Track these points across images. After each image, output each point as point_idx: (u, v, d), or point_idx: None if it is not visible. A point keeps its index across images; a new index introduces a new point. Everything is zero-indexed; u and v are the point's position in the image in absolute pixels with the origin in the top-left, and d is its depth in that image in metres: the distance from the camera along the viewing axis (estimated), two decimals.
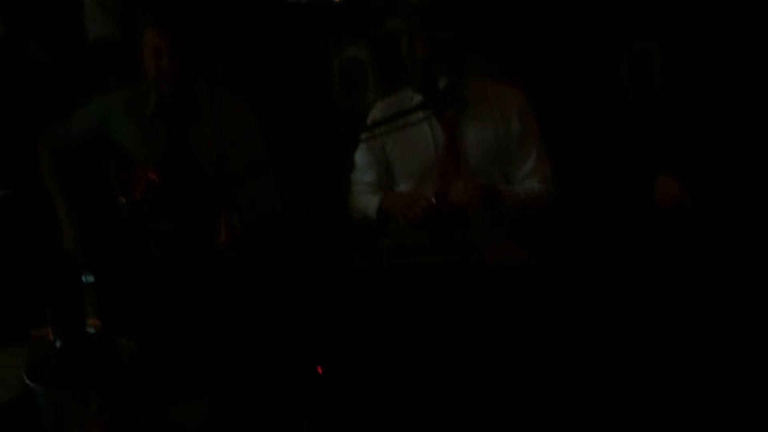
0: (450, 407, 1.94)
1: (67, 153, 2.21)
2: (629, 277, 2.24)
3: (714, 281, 2.06)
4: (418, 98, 2.20)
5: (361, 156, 2.31)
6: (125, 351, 1.75)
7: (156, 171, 2.08)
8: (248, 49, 2.89)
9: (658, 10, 2.87)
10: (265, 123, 2.29)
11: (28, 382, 1.65)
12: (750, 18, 2.51)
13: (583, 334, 2.09)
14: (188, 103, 2.17)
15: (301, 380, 1.93)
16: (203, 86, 2.19)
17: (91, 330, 1.76)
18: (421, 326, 1.99)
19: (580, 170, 2.63)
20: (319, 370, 1.98)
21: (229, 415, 1.95)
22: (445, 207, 2.09)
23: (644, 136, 2.43)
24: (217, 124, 2.17)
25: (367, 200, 2.27)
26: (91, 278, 1.79)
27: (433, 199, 2.11)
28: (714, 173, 2.20)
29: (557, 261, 2.26)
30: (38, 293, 2.00)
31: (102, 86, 2.34)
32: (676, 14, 2.84)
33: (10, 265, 2.20)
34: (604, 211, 2.66)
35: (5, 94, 2.44)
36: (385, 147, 2.27)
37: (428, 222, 2.13)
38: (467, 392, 1.95)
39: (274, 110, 2.80)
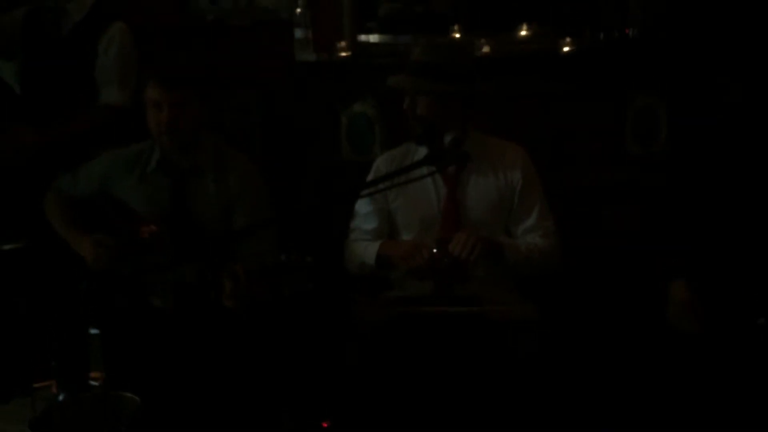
0: None
1: (72, 204, 2.25)
2: (633, 332, 2.23)
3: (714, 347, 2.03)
4: (422, 152, 2.23)
5: (362, 204, 2.32)
6: (129, 404, 1.74)
7: (158, 223, 2.10)
8: (256, 104, 2.95)
9: (660, 67, 2.94)
10: (270, 175, 2.32)
11: None
12: None
13: (585, 386, 2.07)
14: (190, 159, 2.20)
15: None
16: (206, 141, 2.23)
17: (94, 383, 1.75)
18: (424, 376, 1.98)
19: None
20: (324, 425, 1.96)
21: None
22: (447, 258, 2.10)
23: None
24: (219, 180, 2.20)
25: (365, 247, 2.27)
26: (95, 331, 1.79)
27: (435, 249, 2.12)
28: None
29: (561, 313, 2.25)
30: (43, 346, 2.00)
31: (108, 143, 2.38)
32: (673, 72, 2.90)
33: (18, 317, 2.21)
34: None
35: None
36: (388, 196, 2.29)
37: (430, 272, 2.13)
38: None
39: (281, 163, 2.84)
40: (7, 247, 2.38)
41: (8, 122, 2.51)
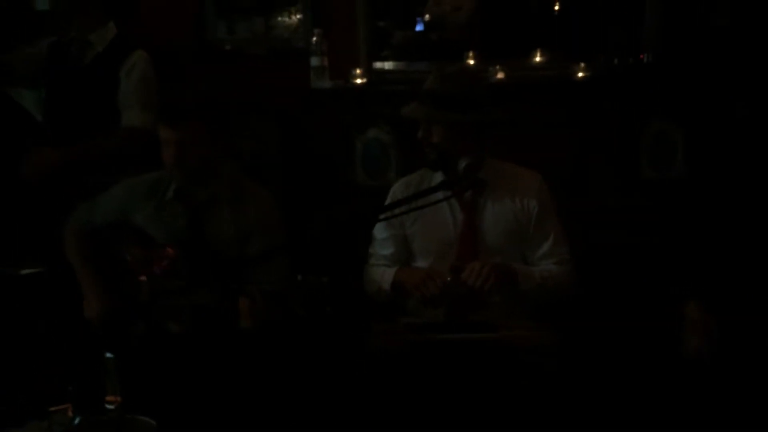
0: None
1: (90, 234, 2.28)
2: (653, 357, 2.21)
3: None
4: (438, 178, 2.24)
5: (379, 230, 2.33)
6: (144, 428, 1.74)
7: (175, 248, 2.12)
8: (273, 131, 2.98)
9: (675, 92, 2.94)
10: (287, 201, 2.34)
11: None
12: None
13: (603, 410, 2.04)
14: (207, 189, 2.22)
15: None
16: (222, 171, 2.24)
17: (110, 407, 1.75)
18: (439, 403, 1.96)
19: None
20: None
21: None
22: (461, 286, 2.09)
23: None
24: (236, 210, 2.22)
25: (382, 273, 2.28)
26: (111, 355, 1.80)
27: (449, 278, 2.11)
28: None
29: (578, 338, 2.23)
30: (59, 369, 2.02)
31: (130, 166, 2.41)
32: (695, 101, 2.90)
33: (36, 340, 2.23)
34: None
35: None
36: (404, 222, 2.30)
37: (444, 299, 2.13)
38: None
39: (297, 189, 2.86)
40: (26, 271, 2.41)
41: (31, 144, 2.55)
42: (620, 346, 2.45)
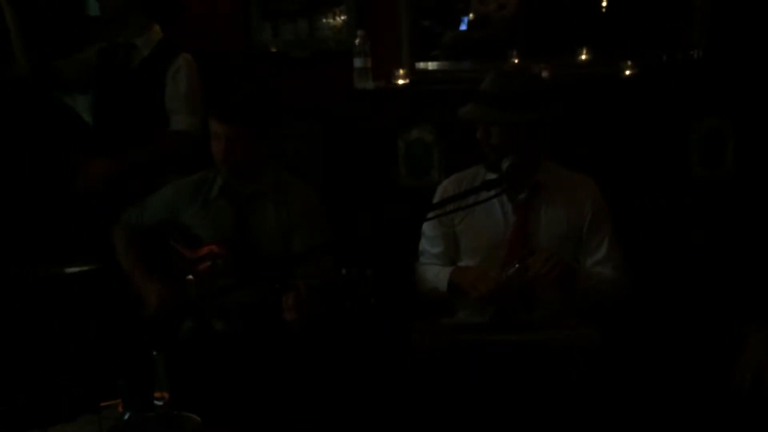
0: None
1: (139, 233, 2.32)
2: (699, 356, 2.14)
3: None
4: (490, 175, 2.21)
5: (429, 227, 2.32)
6: (191, 424, 1.76)
7: (222, 247, 2.15)
8: (317, 132, 3.00)
9: (726, 89, 2.86)
10: (331, 201, 2.35)
11: None
12: None
13: (647, 415, 1.99)
14: (251, 186, 2.25)
15: None
16: (268, 169, 2.28)
17: (159, 403, 1.78)
18: (482, 405, 1.94)
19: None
20: None
21: None
22: (518, 280, 2.06)
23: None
24: (280, 206, 2.24)
25: (437, 273, 2.26)
26: (160, 351, 1.83)
27: (516, 265, 2.07)
28: None
29: (625, 340, 2.18)
30: (111, 366, 2.06)
31: (179, 168, 2.45)
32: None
33: (88, 337, 2.28)
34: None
35: None
36: (454, 219, 2.28)
37: (497, 298, 2.11)
38: None
39: (341, 189, 2.87)
40: (74, 269, 2.46)
41: (82, 154, 2.61)
42: (668, 354, 2.39)
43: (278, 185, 2.27)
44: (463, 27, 3.13)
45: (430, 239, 2.32)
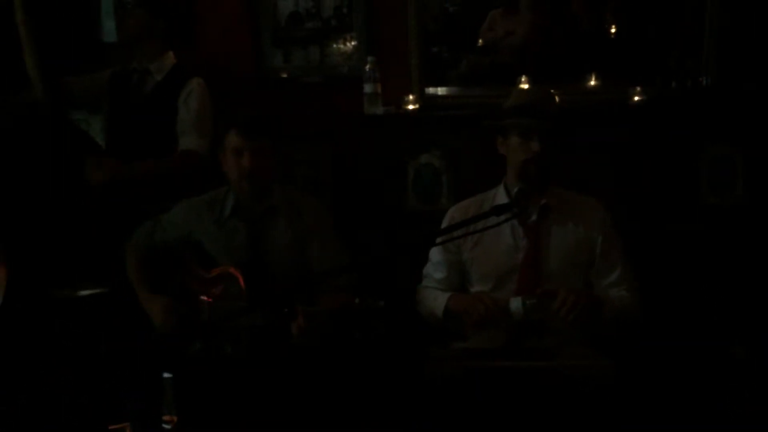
0: None
1: (151, 253, 2.34)
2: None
3: None
4: (497, 201, 2.22)
5: (435, 253, 2.32)
6: None
7: (236, 270, 2.15)
8: (326, 157, 3.01)
9: (736, 116, 2.87)
10: (339, 226, 2.36)
11: None
12: None
13: None
14: (265, 204, 2.28)
15: None
16: (278, 188, 2.32)
17: (167, 426, 1.77)
18: (491, 430, 1.92)
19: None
20: None
21: None
22: (536, 314, 2.05)
23: None
24: (293, 218, 2.28)
25: (435, 297, 2.27)
26: (169, 374, 1.83)
27: (534, 300, 2.06)
28: None
29: (639, 370, 2.16)
30: (119, 387, 2.05)
31: (186, 193, 2.47)
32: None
33: (96, 360, 2.28)
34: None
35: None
36: (462, 247, 2.28)
37: (505, 327, 2.09)
38: None
39: (349, 214, 2.88)
40: (85, 292, 2.47)
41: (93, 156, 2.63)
42: (678, 380, 2.37)
43: (288, 200, 2.32)
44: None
45: (434, 264, 2.33)
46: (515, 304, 2.09)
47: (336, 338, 1.87)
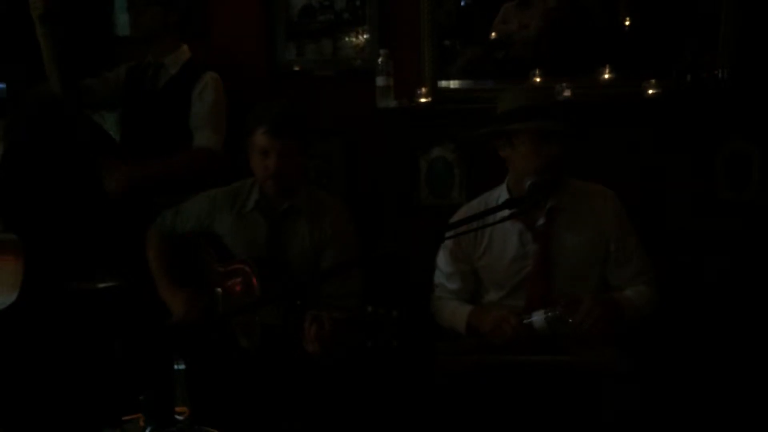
0: None
1: (170, 242, 2.35)
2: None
3: None
4: (503, 199, 2.19)
5: (445, 262, 2.27)
6: None
7: (252, 264, 2.15)
8: (339, 150, 3.02)
9: (752, 110, 2.83)
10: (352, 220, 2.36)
11: None
12: None
13: None
14: (287, 201, 2.26)
15: None
16: (302, 185, 2.29)
17: (180, 418, 1.79)
18: (507, 429, 1.92)
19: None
20: None
21: None
22: (557, 326, 2.00)
23: None
24: (314, 221, 2.24)
25: (453, 311, 2.21)
26: (182, 366, 1.84)
27: (557, 311, 2.00)
28: None
29: (655, 365, 2.15)
30: (133, 379, 2.07)
31: (201, 184, 2.48)
32: None
33: (110, 352, 2.31)
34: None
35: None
36: (472, 256, 2.24)
37: (521, 340, 2.04)
38: None
39: (362, 207, 2.88)
40: (102, 285, 2.49)
41: (108, 159, 2.65)
42: (695, 377, 2.35)
43: (312, 201, 2.28)
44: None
45: (446, 275, 2.27)
46: (539, 321, 2.01)
47: (347, 347, 1.85)
